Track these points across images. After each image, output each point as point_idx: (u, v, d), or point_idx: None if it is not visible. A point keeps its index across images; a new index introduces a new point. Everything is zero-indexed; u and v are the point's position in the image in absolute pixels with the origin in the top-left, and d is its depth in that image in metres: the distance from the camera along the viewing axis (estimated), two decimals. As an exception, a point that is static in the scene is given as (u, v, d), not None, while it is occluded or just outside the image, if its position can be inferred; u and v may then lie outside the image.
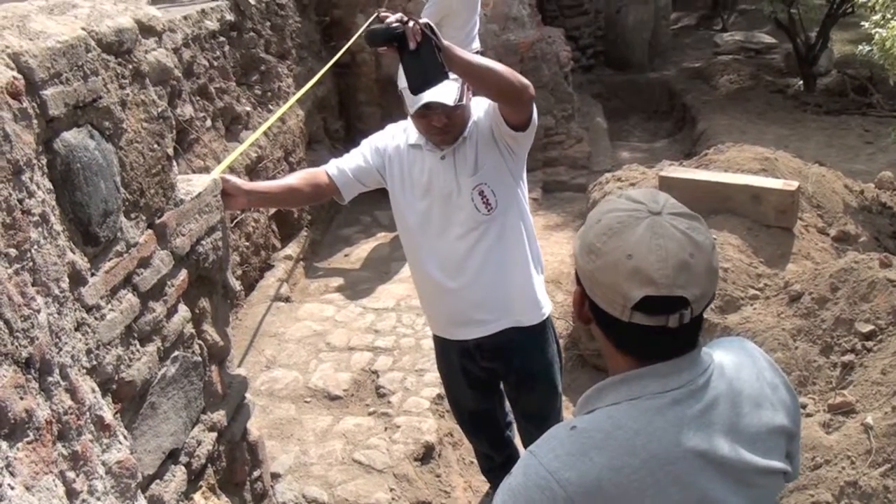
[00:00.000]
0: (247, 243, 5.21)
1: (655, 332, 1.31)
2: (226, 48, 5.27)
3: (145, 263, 2.12)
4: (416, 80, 2.23)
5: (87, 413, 1.76)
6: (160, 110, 2.27)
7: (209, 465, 2.45)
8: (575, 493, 1.28)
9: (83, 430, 1.74)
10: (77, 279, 1.83)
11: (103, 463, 1.82)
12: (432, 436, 3.81)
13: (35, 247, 1.65)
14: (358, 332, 4.72)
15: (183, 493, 2.27)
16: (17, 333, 1.54)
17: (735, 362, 1.43)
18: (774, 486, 1.43)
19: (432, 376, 4.11)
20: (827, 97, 9.99)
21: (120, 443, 1.91)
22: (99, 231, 1.92)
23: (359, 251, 6.14)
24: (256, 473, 2.83)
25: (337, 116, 7.36)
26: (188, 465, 2.32)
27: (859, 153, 8.16)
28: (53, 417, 1.63)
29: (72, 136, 1.84)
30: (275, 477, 3.45)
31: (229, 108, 5.23)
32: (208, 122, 4.89)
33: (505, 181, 2.70)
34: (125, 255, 2.03)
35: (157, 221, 2.21)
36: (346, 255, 6.12)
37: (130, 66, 2.12)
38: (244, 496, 2.74)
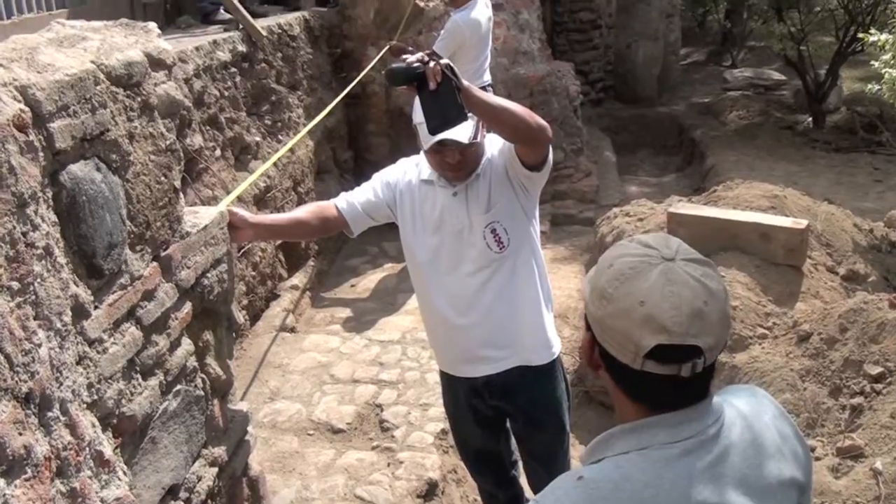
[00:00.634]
0: (253, 273, 5.20)
1: (667, 381, 1.28)
2: (237, 78, 5.29)
3: (149, 296, 2.11)
4: (435, 121, 2.22)
5: (87, 449, 1.74)
6: (168, 143, 2.27)
7: (209, 501, 2.42)
8: None
9: (82, 467, 1.71)
10: (80, 312, 1.81)
11: (102, 500, 1.79)
12: (436, 472, 3.76)
13: (38, 280, 1.64)
14: (363, 365, 4.69)
15: (182, 530, 2.24)
16: (18, 368, 1.52)
17: (747, 412, 1.40)
18: None
19: (437, 411, 4.08)
20: (836, 134, 9.99)
21: (119, 479, 1.88)
22: (103, 264, 1.90)
23: (365, 282, 6.12)
24: (257, 509, 2.79)
25: (346, 147, 7.37)
26: (188, 501, 2.29)
27: (868, 191, 8.14)
28: (52, 453, 1.61)
29: (78, 169, 1.83)
30: (276, 511, 3.41)
31: (239, 138, 5.24)
32: (218, 152, 4.90)
33: (518, 219, 2.68)
34: (129, 288, 2.01)
35: (163, 254, 2.20)
36: (353, 286, 6.10)
37: (139, 99, 2.12)
38: (244, 532, 2.70)
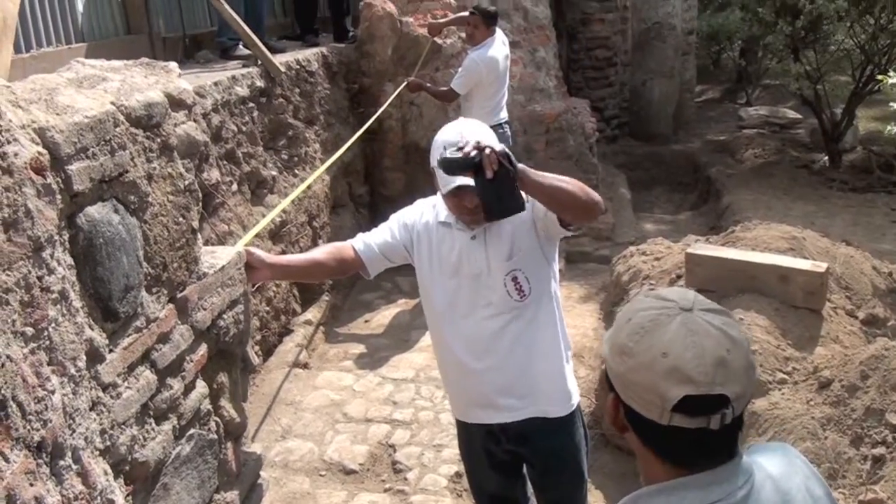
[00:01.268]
0: (267, 308, 5.17)
1: (696, 436, 1.24)
2: (255, 113, 5.30)
3: (165, 339, 2.08)
4: (493, 208, 2.22)
5: (99, 498, 1.71)
6: (187, 183, 2.26)
7: (220, 547, 2.38)
8: None
9: (93, 516, 1.68)
10: (94, 356, 1.79)
11: (112, 549, 1.76)
12: (449, 516, 3.71)
13: (53, 325, 1.62)
14: (376, 403, 4.64)
15: (191, 577, 2.20)
16: (30, 416, 1.49)
17: (777, 473, 1.36)
18: None
19: (450, 452, 4.02)
20: (852, 174, 9.93)
21: (130, 527, 1.85)
22: (119, 307, 1.88)
23: (379, 317, 6.09)
24: (267, 554, 2.75)
25: (362, 181, 7.38)
26: (198, 548, 2.26)
27: (886, 232, 8.07)
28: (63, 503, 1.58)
29: (96, 211, 1.82)
30: (286, 554, 3.36)
31: (256, 173, 5.25)
32: (234, 187, 4.91)
33: (540, 266, 2.65)
34: (144, 331, 1.99)
35: (179, 295, 2.18)
36: (367, 321, 6.07)
37: (159, 140, 2.11)
38: (254, 578, 2.66)
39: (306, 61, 6.28)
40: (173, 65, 2.50)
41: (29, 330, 1.53)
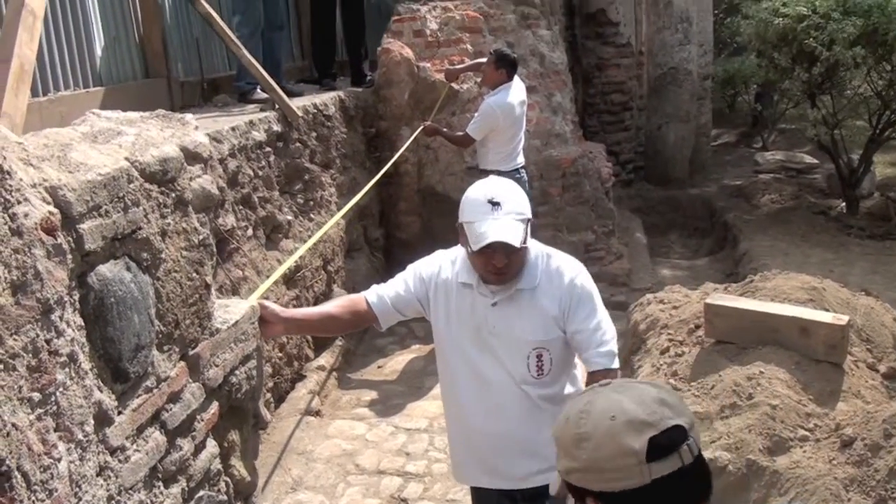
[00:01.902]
0: (280, 354, 5.12)
1: (677, 483, 1.29)
2: (271, 158, 5.30)
3: (175, 398, 2.04)
4: None
5: (102, 568, 1.66)
6: (202, 238, 2.23)
7: None
8: None
9: (96, 587, 1.63)
10: (102, 419, 1.75)
11: None
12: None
13: (60, 389, 1.58)
14: (388, 455, 4.57)
15: None
16: (35, 486, 1.45)
17: None
18: None
19: (464, 507, 3.94)
20: (870, 221, 9.85)
21: None
22: (129, 367, 1.84)
23: (393, 363, 6.03)
24: None
25: (377, 224, 7.36)
26: None
27: (905, 280, 7.98)
28: (65, 576, 1.52)
29: (107, 270, 1.79)
30: None
31: (271, 217, 5.23)
32: (249, 231, 4.88)
33: (562, 347, 2.58)
34: (155, 391, 1.95)
35: (191, 353, 2.14)
36: (380, 367, 6.01)
37: (174, 195, 2.09)
38: None
39: (323, 105, 6.30)
40: (189, 117, 2.48)
41: (36, 396, 1.49)
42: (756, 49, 10.33)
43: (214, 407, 2.23)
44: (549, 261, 2.58)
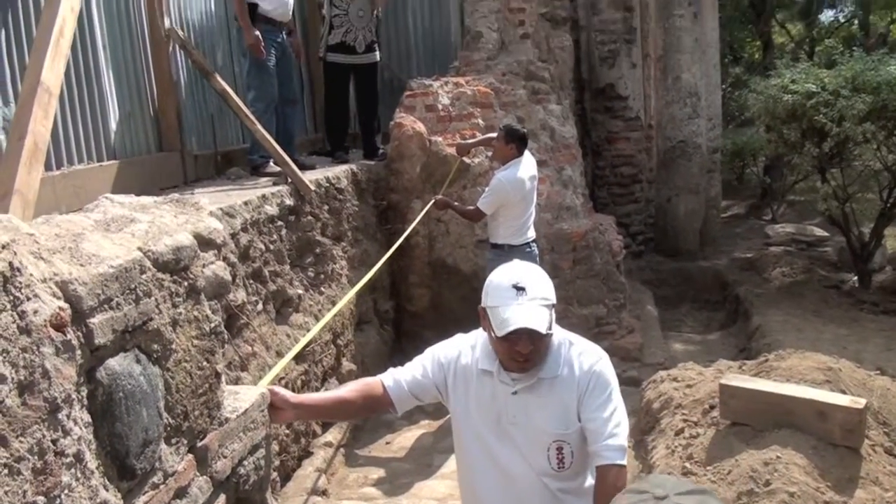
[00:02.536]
0: (287, 431, 5.05)
1: None
2: (283, 231, 5.31)
3: (182, 493, 1.99)
4: None
5: None
6: (213, 325, 2.20)
7: None
8: None
9: None
10: (107, 519, 1.70)
11: None
12: None
13: (66, 491, 1.53)
14: (396, 537, 4.47)
15: None
16: None
17: None
18: None
19: None
20: (883, 295, 9.78)
21: None
22: (136, 463, 1.80)
23: (401, 439, 5.94)
24: None
25: (387, 297, 7.34)
26: None
27: (920, 358, 7.87)
28: None
29: (117, 363, 1.76)
30: None
31: (281, 291, 5.21)
32: (259, 306, 4.86)
33: (583, 438, 2.51)
34: (161, 487, 1.90)
35: (199, 444, 2.09)
36: (388, 443, 5.91)
37: (186, 284, 2.06)
38: None
39: (336, 178, 6.33)
40: (205, 201, 2.48)
41: (40, 500, 1.45)
42: (765, 123, 10.39)
43: (222, 500, 2.18)
44: (571, 349, 2.53)
